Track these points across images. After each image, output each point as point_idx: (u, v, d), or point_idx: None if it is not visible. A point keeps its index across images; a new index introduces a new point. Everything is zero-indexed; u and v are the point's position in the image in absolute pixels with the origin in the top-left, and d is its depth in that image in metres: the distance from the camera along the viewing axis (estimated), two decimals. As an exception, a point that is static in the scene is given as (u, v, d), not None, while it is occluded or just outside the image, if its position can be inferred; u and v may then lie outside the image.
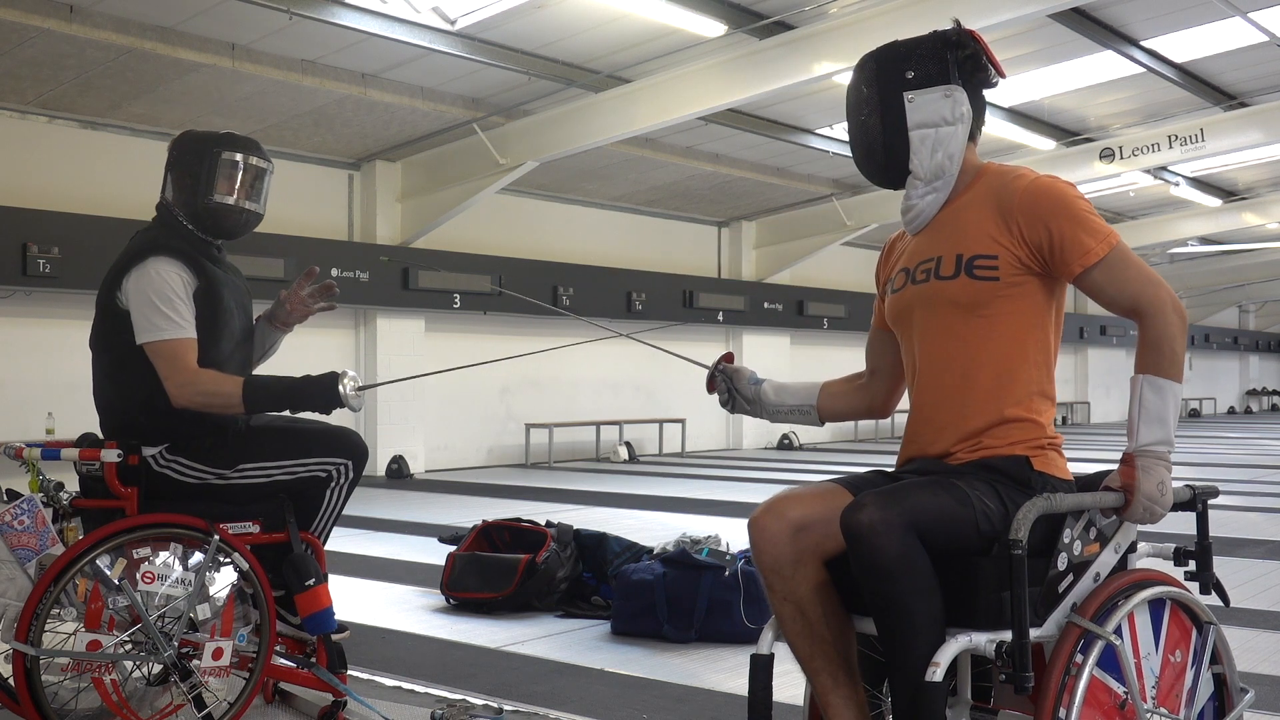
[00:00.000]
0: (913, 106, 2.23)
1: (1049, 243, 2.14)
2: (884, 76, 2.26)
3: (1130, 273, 2.14)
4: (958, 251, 2.21)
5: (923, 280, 2.27)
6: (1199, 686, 2.28)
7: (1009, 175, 2.23)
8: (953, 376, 2.24)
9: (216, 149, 3.21)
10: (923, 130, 2.23)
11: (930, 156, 2.23)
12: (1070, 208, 2.14)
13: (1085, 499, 2.12)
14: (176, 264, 3.10)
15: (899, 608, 1.99)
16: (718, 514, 8.38)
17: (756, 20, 9.44)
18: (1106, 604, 2.11)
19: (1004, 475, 2.16)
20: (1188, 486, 2.32)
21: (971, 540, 2.07)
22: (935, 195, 2.27)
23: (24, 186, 9.78)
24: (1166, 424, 2.12)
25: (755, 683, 2.23)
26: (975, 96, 2.27)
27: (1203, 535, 2.34)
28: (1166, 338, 2.13)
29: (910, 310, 2.31)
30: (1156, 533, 2.38)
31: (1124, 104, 12.90)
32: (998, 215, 2.19)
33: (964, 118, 2.23)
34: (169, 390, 3.03)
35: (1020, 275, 2.17)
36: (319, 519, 3.28)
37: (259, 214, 3.30)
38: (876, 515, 1.98)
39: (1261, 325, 33.03)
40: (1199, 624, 2.29)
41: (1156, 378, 2.13)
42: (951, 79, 2.23)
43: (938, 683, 1.94)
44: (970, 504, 2.07)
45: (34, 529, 2.90)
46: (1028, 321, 2.21)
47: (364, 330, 12.50)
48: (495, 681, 3.91)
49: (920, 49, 2.26)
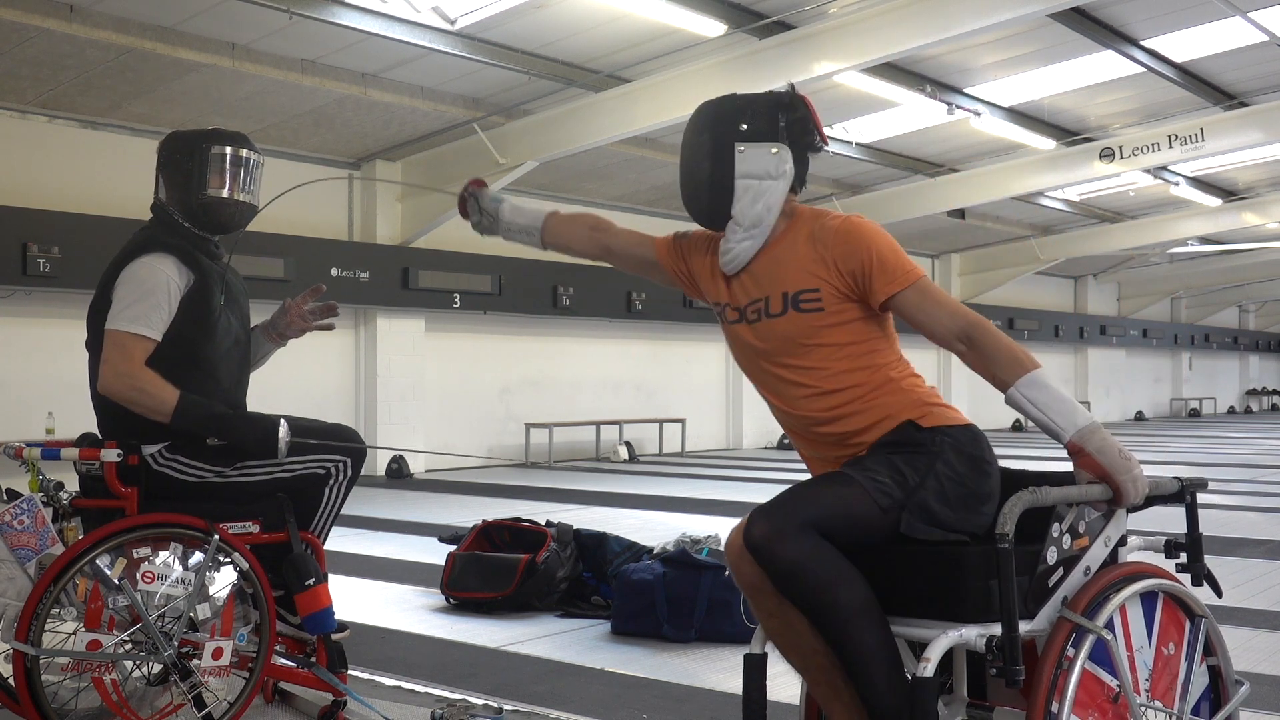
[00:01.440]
0: (741, 157, 2.36)
1: (861, 270, 2.27)
2: (720, 125, 2.40)
3: (942, 297, 2.28)
4: (783, 290, 2.35)
5: (754, 319, 2.40)
6: (1193, 679, 2.28)
7: (822, 215, 2.38)
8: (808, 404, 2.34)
9: (206, 144, 3.22)
10: (748, 180, 2.35)
11: (751, 205, 2.35)
12: (877, 241, 2.28)
13: (1072, 492, 2.13)
14: (170, 260, 3.11)
15: (820, 604, 2.05)
16: (718, 514, 8.38)
17: (756, 20, 9.44)
18: (1097, 598, 2.12)
19: (898, 446, 2.24)
20: (1176, 479, 2.34)
21: (878, 519, 2.13)
22: (751, 242, 2.39)
23: (24, 186, 9.79)
24: (1066, 400, 2.17)
25: (749, 682, 2.24)
26: (799, 156, 2.40)
27: (1193, 527, 2.36)
28: (1001, 346, 2.21)
29: (750, 348, 2.43)
30: (1147, 526, 2.38)
31: (1124, 104, 12.89)
32: (814, 250, 2.33)
33: (786, 175, 2.36)
34: (102, 373, 3.03)
35: (841, 303, 2.30)
36: (318, 517, 3.28)
37: (254, 206, 3.31)
38: (765, 527, 2.07)
39: (1261, 325, 33.04)
40: (1192, 616, 2.30)
41: (1023, 379, 2.17)
42: (780, 138, 2.36)
43: (929, 678, 1.95)
44: (858, 484, 2.15)
45: (34, 529, 2.90)
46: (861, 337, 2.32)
47: (364, 330, 12.50)
48: (495, 681, 3.91)
49: (756, 105, 2.40)
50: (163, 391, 3.02)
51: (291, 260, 10.84)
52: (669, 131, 12.35)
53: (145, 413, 3.03)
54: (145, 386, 3.02)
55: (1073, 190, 17.31)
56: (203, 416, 3.05)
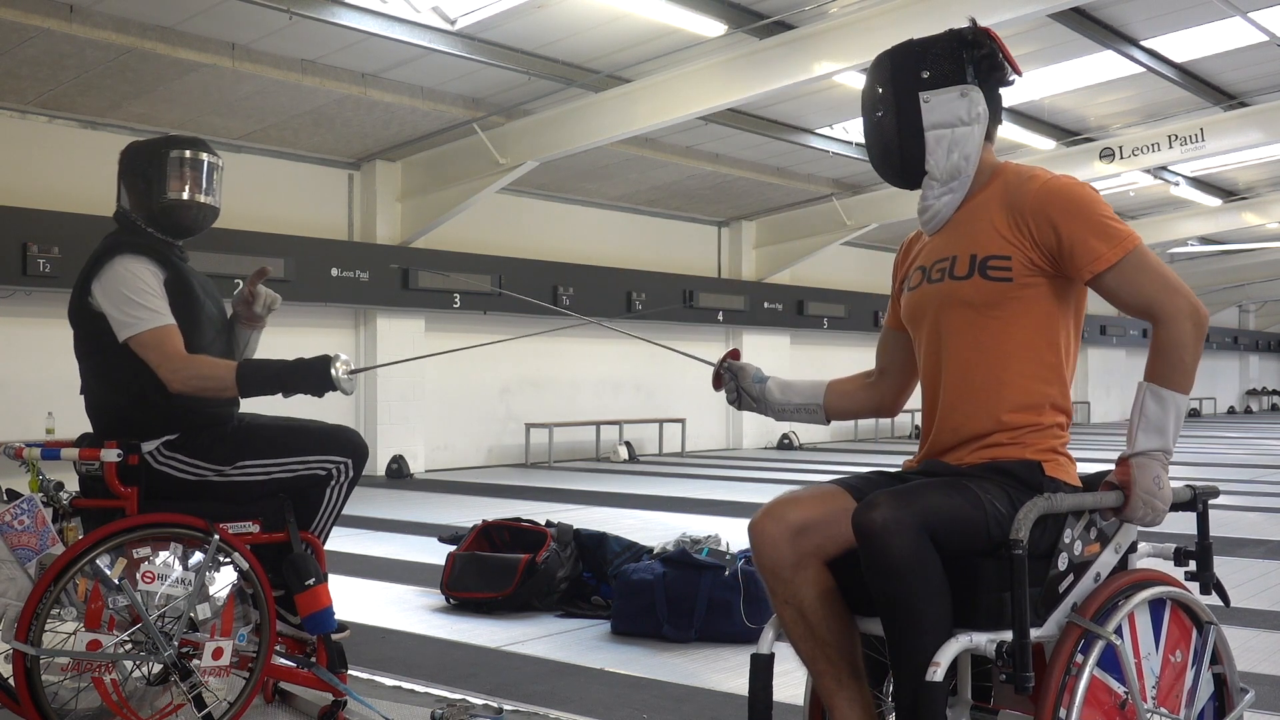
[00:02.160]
0: (928, 107, 2.21)
1: (1059, 246, 2.12)
2: (899, 76, 2.24)
3: (1145, 278, 2.09)
4: (972, 252, 2.20)
5: (938, 279, 2.25)
6: (1199, 686, 2.28)
7: (1024, 175, 2.21)
8: (965, 378, 2.22)
9: (164, 149, 3.25)
10: (939, 131, 2.21)
11: (946, 157, 2.21)
12: (1082, 210, 2.11)
13: (1086, 499, 2.12)
14: (142, 258, 3.13)
15: (907, 609, 1.98)
16: (718, 514, 8.38)
17: (756, 20, 9.44)
18: (1107, 604, 2.11)
19: (1015, 479, 2.14)
20: (1188, 486, 2.31)
21: (981, 543, 2.05)
22: (951, 196, 2.25)
23: (24, 186, 9.78)
24: (1165, 434, 2.10)
25: (755, 682, 2.23)
26: (991, 96, 2.25)
27: (1203, 535, 2.34)
28: (1175, 346, 2.08)
29: (924, 309, 2.29)
30: (1157, 533, 2.38)
31: (1124, 104, 12.90)
32: (1010, 216, 2.17)
33: (980, 118, 2.21)
34: (164, 377, 3.04)
35: (1033, 276, 2.15)
36: (319, 518, 3.28)
37: (215, 208, 3.32)
38: (889, 515, 1.97)
39: (1261, 325, 33.02)
40: (1199, 624, 2.29)
41: (1160, 387, 2.10)
42: (967, 78, 2.21)
43: (938, 682, 1.94)
44: (982, 507, 2.06)
45: (34, 529, 2.90)
46: (1042, 323, 2.18)
47: (364, 330, 12.49)
48: (495, 681, 3.90)
49: (935, 48, 2.24)
50: (219, 369, 3.07)
51: (291, 260, 10.83)
52: (669, 131, 12.37)
53: (215, 395, 3.09)
54: (203, 371, 3.06)
55: (1073, 190, 17.29)
56: (265, 378, 3.08)
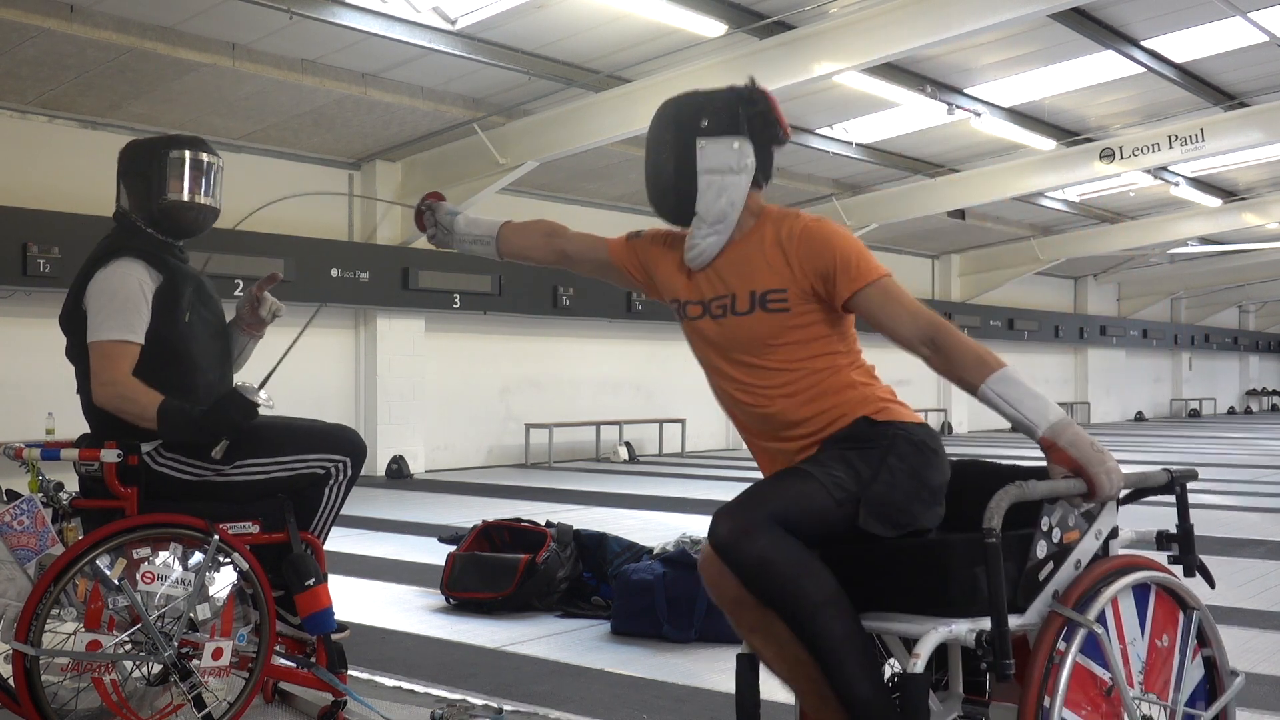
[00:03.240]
0: (703, 152, 2.36)
1: (826, 270, 2.27)
2: (681, 121, 2.39)
3: (906, 300, 2.26)
4: (750, 288, 2.35)
5: (719, 315, 2.39)
6: (1187, 671, 2.28)
7: (789, 216, 2.38)
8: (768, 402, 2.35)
9: (164, 150, 3.23)
10: (710, 175, 2.35)
11: (714, 200, 2.35)
12: (843, 243, 2.29)
13: (1060, 486, 2.13)
14: (138, 264, 3.12)
15: (789, 597, 2.06)
16: (718, 514, 8.36)
17: (756, 20, 9.44)
18: (1089, 591, 2.12)
19: (851, 441, 2.24)
20: (1165, 470, 2.34)
21: (834, 512, 2.14)
22: (716, 238, 2.38)
23: (24, 186, 9.79)
24: (1036, 395, 2.17)
25: (742, 682, 2.25)
26: (762, 150, 2.40)
27: (1183, 518, 2.36)
28: (966, 346, 2.21)
29: (711, 345, 2.43)
30: (1137, 517, 2.38)
31: (1124, 104, 12.90)
32: (781, 251, 2.33)
33: (748, 168, 2.36)
34: (92, 387, 3.03)
35: (807, 304, 2.31)
36: (318, 517, 3.28)
37: (215, 209, 3.31)
38: (730, 525, 2.09)
39: (1261, 325, 33.03)
40: (1185, 608, 2.29)
41: (993, 376, 2.17)
42: (741, 131, 2.36)
43: (919, 674, 1.96)
44: (815, 478, 2.15)
45: (34, 529, 2.91)
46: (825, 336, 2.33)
47: (364, 330, 12.50)
48: (495, 681, 3.91)
49: (717, 100, 2.40)
50: (145, 397, 3.01)
51: (291, 260, 10.83)
52: (669, 131, 12.35)
53: (133, 420, 3.03)
54: (129, 394, 3.02)
55: (1073, 190, 17.31)
56: (184, 422, 3.03)
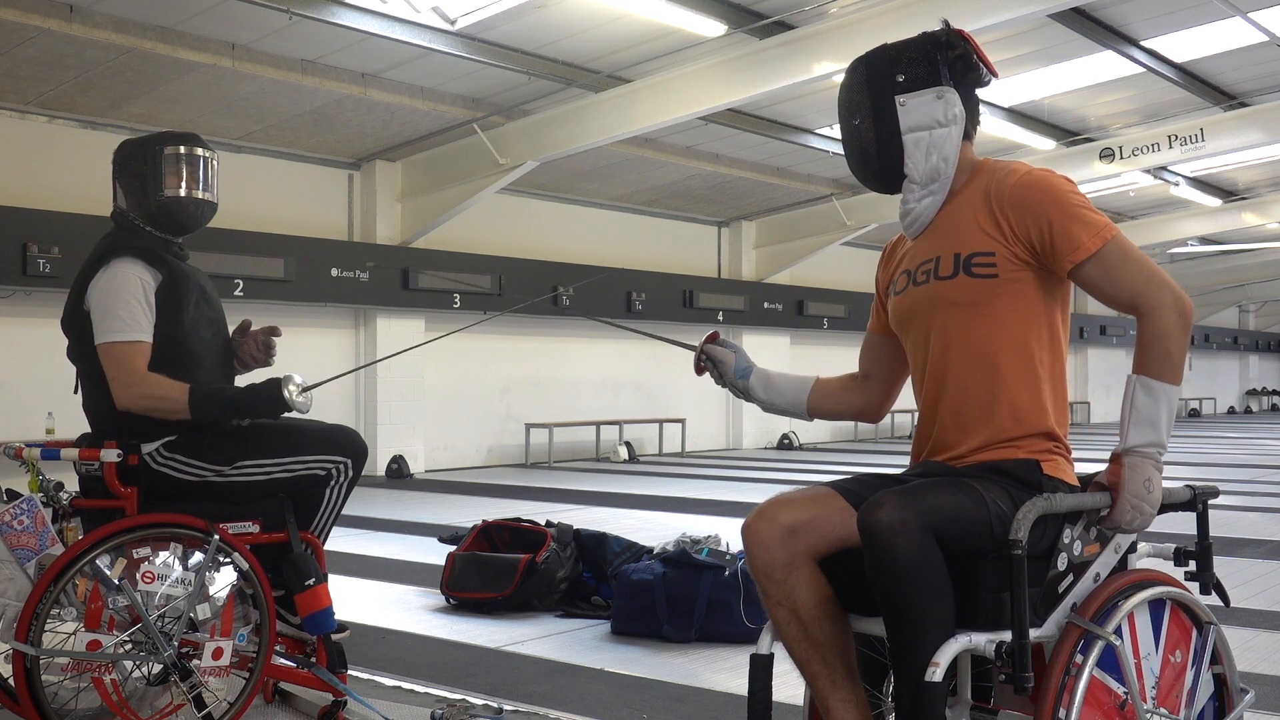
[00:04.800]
0: (905, 110, 2.21)
1: (1039, 238, 2.12)
2: (874, 81, 2.25)
3: (1128, 269, 2.09)
4: (955, 250, 2.20)
5: (923, 281, 2.25)
6: (1199, 687, 2.27)
7: (1001, 171, 2.21)
8: (959, 379, 2.22)
9: (158, 146, 3.23)
10: (916, 134, 2.21)
11: (925, 159, 2.22)
12: (1060, 201, 2.11)
13: (1085, 499, 2.11)
14: (138, 264, 3.12)
15: (911, 609, 1.97)
16: (718, 514, 8.38)
17: (756, 20, 9.43)
18: (1106, 604, 2.11)
19: (1014, 478, 2.14)
20: (1188, 486, 2.30)
21: (985, 542, 2.04)
22: (932, 198, 2.26)
23: (24, 186, 9.79)
24: (1158, 427, 2.08)
25: (755, 682, 2.23)
26: (968, 96, 2.25)
27: (1203, 535, 2.33)
28: (1161, 337, 2.07)
29: (913, 313, 2.29)
30: (1157, 533, 2.37)
31: (1124, 104, 12.90)
32: (990, 211, 2.17)
33: (957, 119, 2.22)
34: (114, 391, 3.03)
35: (1018, 271, 2.15)
36: (318, 518, 3.28)
37: (213, 203, 3.31)
38: (895, 514, 1.96)
39: (1261, 325, 33.02)
40: (1199, 624, 2.28)
41: (1149, 379, 2.09)
42: (943, 80, 2.21)
43: (937, 682, 1.94)
44: (985, 505, 2.05)
45: (34, 529, 2.90)
46: (1031, 318, 2.18)
47: (364, 330, 12.49)
48: (495, 681, 3.91)
49: (909, 51, 2.24)
50: (172, 391, 3.03)
51: (291, 260, 10.83)
52: (669, 131, 12.37)
53: (165, 416, 3.04)
54: (155, 392, 3.03)
55: (1073, 190, 17.29)
56: (218, 404, 3.06)
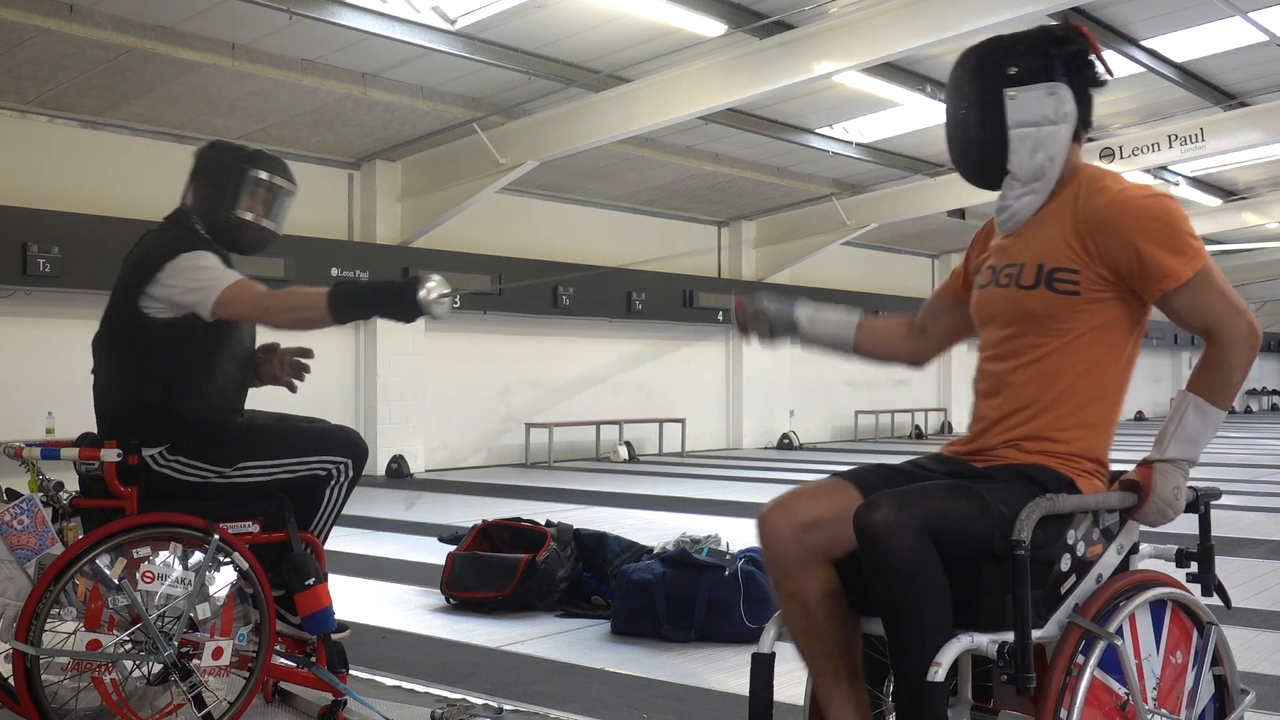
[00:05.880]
0: (1014, 104, 2.15)
1: (1128, 262, 2.07)
2: (984, 71, 2.20)
3: (1211, 298, 2.06)
4: (1040, 261, 2.15)
5: (1005, 284, 2.22)
6: (1200, 688, 2.27)
7: (1094, 185, 2.15)
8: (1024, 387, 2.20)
9: (245, 164, 3.24)
10: (1023, 129, 2.15)
11: (1030, 157, 2.16)
12: (1156, 225, 2.06)
13: (1088, 500, 2.11)
14: (214, 254, 3.12)
15: (907, 611, 1.97)
16: (718, 514, 8.38)
17: (756, 20, 9.43)
18: (1108, 605, 2.11)
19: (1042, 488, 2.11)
20: (1190, 488, 2.31)
21: (986, 549, 2.03)
22: (1033, 197, 2.20)
23: (24, 186, 9.78)
24: (1198, 445, 2.11)
25: (756, 682, 2.23)
26: (1081, 96, 2.18)
27: (1205, 537, 2.34)
28: (1229, 367, 2.07)
29: (990, 312, 2.28)
30: (1159, 534, 2.38)
31: (1124, 104, 12.89)
32: (1077, 228, 2.12)
33: (1067, 117, 2.15)
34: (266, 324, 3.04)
35: (1101, 292, 2.11)
36: (319, 518, 3.28)
37: (277, 234, 3.33)
38: (890, 516, 1.96)
39: (1262, 325, 32.93)
40: (1200, 625, 2.28)
41: (1206, 402, 2.10)
42: (1056, 76, 2.15)
43: (939, 683, 1.94)
44: (989, 512, 2.02)
45: (34, 528, 2.90)
46: (1106, 339, 2.15)
47: (364, 329, 12.48)
48: (495, 681, 3.91)
49: (1023, 44, 2.19)
50: (309, 299, 3.01)
51: (291, 260, 10.83)
52: (669, 131, 12.37)
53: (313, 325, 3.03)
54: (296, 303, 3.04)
55: (1073, 190, 17.30)
56: (357, 302, 3.04)
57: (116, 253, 3.20)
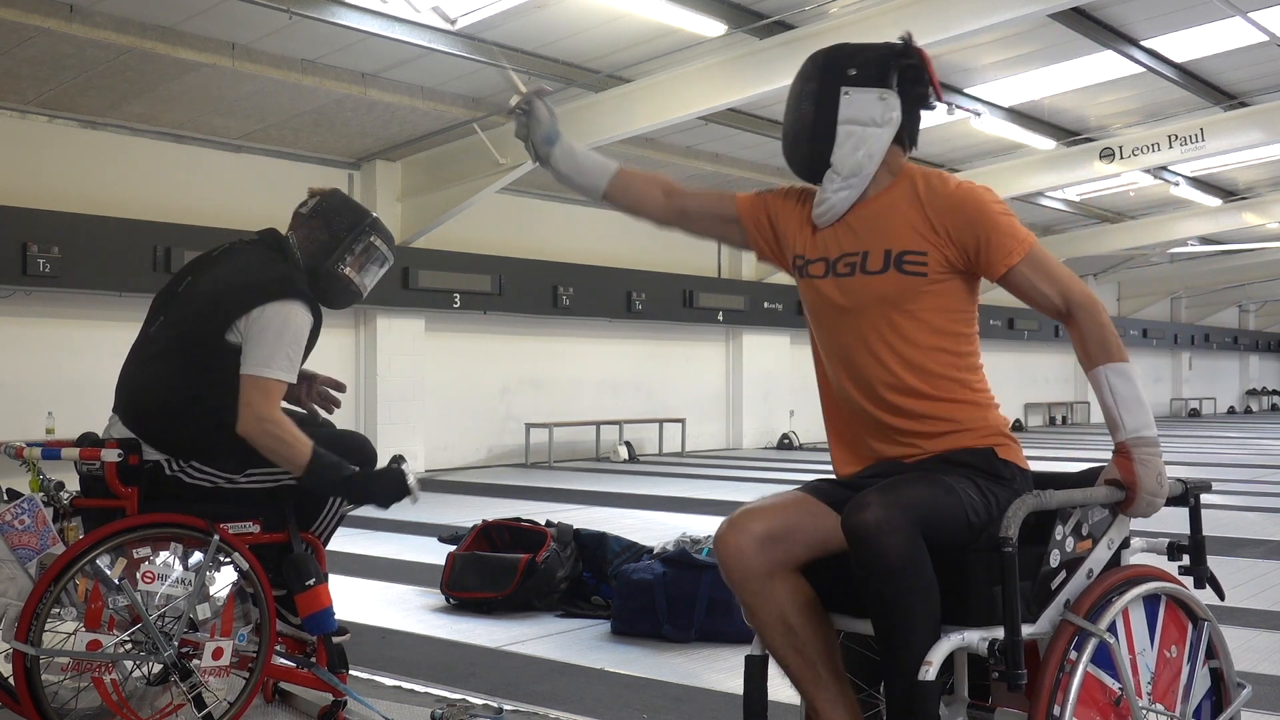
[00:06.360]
0: (847, 100, 2.28)
1: (975, 244, 2.22)
2: (828, 69, 2.32)
3: (1052, 270, 2.23)
4: (886, 247, 2.27)
5: (845, 273, 2.31)
6: (1195, 682, 2.28)
7: (934, 178, 2.31)
8: (882, 369, 2.27)
9: (369, 229, 3.34)
10: (850, 126, 2.28)
11: (852, 152, 2.28)
12: (993, 211, 2.23)
13: (1076, 495, 2.13)
14: (309, 311, 3.13)
15: (902, 607, 1.98)
16: (718, 514, 8.35)
17: (756, 20, 9.44)
18: (1100, 601, 2.12)
19: (973, 468, 2.19)
20: (1180, 481, 2.32)
21: (962, 534, 2.09)
22: (848, 192, 2.31)
23: (24, 186, 9.78)
24: (1143, 404, 2.17)
25: (750, 683, 2.23)
26: (909, 109, 2.32)
27: (1196, 529, 2.35)
28: (1100, 326, 2.20)
29: (830, 302, 2.33)
30: (1150, 528, 2.38)
31: (1124, 104, 12.90)
32: (925, 215, 2.26)
33: (892, 122, 2.28)
34: (245, 417, 2.98)
35: (945, 273, 2.25)
36: (321, 520, 3.29)
37: (361, 297, 3.44)
38: (881, 514, 1.98)
39: (1261, 325, 33.02)
40: (1194, 619, 2.29)
41: (1116, 364, 2.17)
42: (889, 84, 2.28)
43: (931, 681, 1.95)
44: (958, 495, 2.10)
45: (34, 528, 2.91)
46: (951, 316, 2.28)
47: (364, 329, 12.50)
48: (495, 681, 3.91)
49: (867, 51, 2.33)
50: (299, 444, 3.02)
51: (291, 260, 10.83)
52: (669, 131, 12.37)
53: (277, 460, 3.04)
54: (284, 437, 3.01)
55: (1073, 190, 17.31)
56: (333, 479, 3.08)
57: (117, 253, 3.20)
